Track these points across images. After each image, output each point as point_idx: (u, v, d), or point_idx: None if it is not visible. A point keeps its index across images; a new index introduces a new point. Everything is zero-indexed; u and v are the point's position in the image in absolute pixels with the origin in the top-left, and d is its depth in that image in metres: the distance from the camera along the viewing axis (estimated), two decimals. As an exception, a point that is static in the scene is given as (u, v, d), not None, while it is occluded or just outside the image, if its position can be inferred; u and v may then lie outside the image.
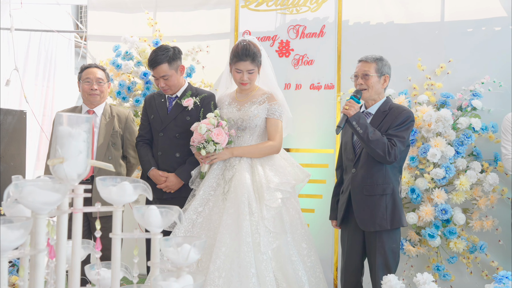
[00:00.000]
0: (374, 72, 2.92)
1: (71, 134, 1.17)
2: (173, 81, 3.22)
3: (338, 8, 3.85)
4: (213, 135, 2.98)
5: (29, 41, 5.13)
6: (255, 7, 4.07)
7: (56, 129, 1.19)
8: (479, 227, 3.37)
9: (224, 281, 2.72)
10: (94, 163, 1.17)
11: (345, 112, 2.80)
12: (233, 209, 2.90)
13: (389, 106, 2.95)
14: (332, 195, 3.20)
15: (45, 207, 1.09)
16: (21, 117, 3.99)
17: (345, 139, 3.08)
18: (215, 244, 2.83)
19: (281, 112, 3.14)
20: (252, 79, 3.11)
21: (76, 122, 1.20)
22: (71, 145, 1.16)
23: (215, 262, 2.76)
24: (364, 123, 2.78)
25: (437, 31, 3.65)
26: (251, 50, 3.06)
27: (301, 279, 2.89)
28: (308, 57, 3.93)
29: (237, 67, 3.08)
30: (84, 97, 3.43)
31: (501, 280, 2.22)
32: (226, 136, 3.03)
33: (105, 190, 1.26)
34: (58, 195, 1.09)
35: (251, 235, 2.84)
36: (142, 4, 4.31)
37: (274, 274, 2.85)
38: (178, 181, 3.21)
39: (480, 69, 3.51)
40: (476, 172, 3.37)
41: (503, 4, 3.51)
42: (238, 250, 2.79)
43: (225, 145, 3.03)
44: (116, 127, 3.43)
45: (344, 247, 3.03)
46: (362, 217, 2.87)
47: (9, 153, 3.83)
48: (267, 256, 2.85)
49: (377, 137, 2.77)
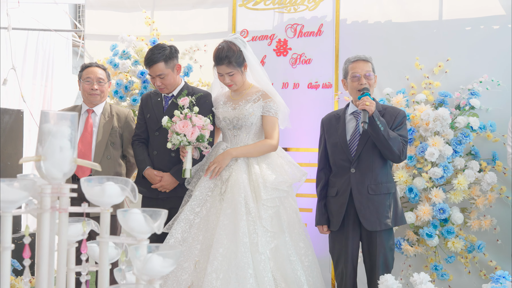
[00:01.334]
0: (372, 71, 2.95)
1: (51, 132, 1.15)
2: (169, 80, 3.21)
3: (336, 7, 3.84)
4: (176, 127, 2.97)
5: (27, 40, 5.12)
6: (252, 6, 4.06)
7: (39, 127, 1.18)
8: (477, 226, 3.36)
9: (222, 282, 2.71)
10: (80, 161, 1.15)
11: (367, 108, 2.70)
12: (230, 209, 2.89)
13: (382, 106, 2.95)
14: (318, 199, 3.08)
15: (9, 205, 1.09)
16: (18, 117, 3.97)
17: (333, 139, 3.01)
18: (212, 245, 2.82)
19: (277, 109, 3.12)
20: (235, 80, 3.09)
21: (58, 120, 1.17)
22: (51, 143, 1.14)
23: (212, 263, 2.75)
24: (383, 121, 2.76)
25: (435, 30, 3.64)
26: (223, 53, 3.02)
27: (300, 278, 2.87)
28: (306, 56, 3.92)
29: (217, 71, 3.10)
30: (84, 96, 3.42)
31: (499, 279, 2.22)
32: (197, 129, 2.98)
33: (90, 191, 1.23)
34: (25, 193, 1.08)
35: (248, 235, 2.83)
36: (140, 3, 4.30)
37: (272, 274, 2.84)
38: (173, 181, 3.20)
39: (478, 68, 3.49)
40: (474, 171, 3.36)
41: (501, 3, 3.50)
42: (235, 251, 2.78)
43: (193, 137, 2.98)
44: (116, 126, 3.42)
45: (343, 250, 2.95)
46: (367, 217, 2.84)
47: (6, 152, 3.82)
48: (265, 256, 2.83)
49: (394, 135, 2.77)
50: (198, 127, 3.00)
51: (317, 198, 3.09)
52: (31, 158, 1.15)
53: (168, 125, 3.03)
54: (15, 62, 4.79)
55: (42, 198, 1.18)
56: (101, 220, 1.25)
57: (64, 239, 1.21)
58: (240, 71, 3.09)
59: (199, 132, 3.00)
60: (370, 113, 2.70)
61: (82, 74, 3.43)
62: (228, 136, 3.17)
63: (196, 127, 2.99)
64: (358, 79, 2.92)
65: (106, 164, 3.31)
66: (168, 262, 1.20)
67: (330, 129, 3.02)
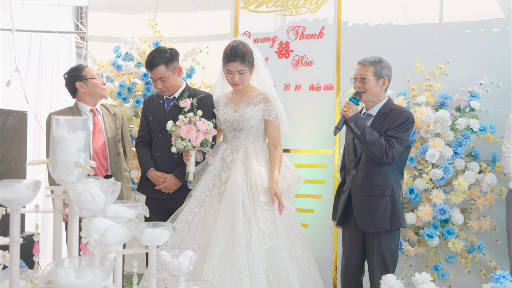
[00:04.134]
0: (372, 75, 2.91)
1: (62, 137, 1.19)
2: (170, 83, 3.24)
3: (338, 10, 3.87)
4: (180, 132, 3.01)
5: (30, 42, 5.14)
6: (255, 8, 4.09)
7: (51, 133, 1.22)
8: (477, 227, 3.39)
9: (218, 282, 2.73)
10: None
11: (343, 113, 2.83)
12: (227, 211, 2.92)
13: (389, 107, 2.95)
14: (335, 196, 3.22)
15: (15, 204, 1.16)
16: (22, 118, 4.00)
17: (347, 140, 3.11)
18: (209, 245, 2.85)
19: (277, 114, 3.13)
20: (243, 79, 3.10)
21: (69, 125, 1.21)
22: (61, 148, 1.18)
23: (209, 263, 2.78)
24: (362, 125, 2.80)
25: (436, 33, 3.67)
26: (239, 50, 3.04)
27: (291, 281, 2.88)
28: (308, 58, 3.95)
29: (227, 68, 3.08)
30: (98, 92, 3.44)
31: (499, 279, 2.24)
32: (201, 134, 3.02)
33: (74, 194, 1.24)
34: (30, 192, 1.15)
35: (244, 237, 2.85)
36: (142, 5, 4.33)
37: (266, 276, 2.86)
38: (176, 182, 3.23)
39: (478, 71, 3.52)
40: (474, 172, 3.39)
41: (501, 6, 3.53)
42: (232, 252, 2.80)
43: (197, 142, 3.01)
44: (117, 123, 3.52)
45: (345, 246, 3.05)
46: (361, 218, 2.89)
47: (10, 153, 3.85)
48: (259, 257, 2.85)
49: (374, 139, 2.78)
50: (202, 132, 3.03)
51: (335, 195, 3.24)
52: (39, 161, 1.18)
53: (173, 130, 3.06)
54: (18, 64, 4.81)
55: (54, 200, 1.22)
56: None
57: (75, 239, 1.25)
58: (249, 71, 3.12)
59: (203, 137, 3.04)
60: (347, 118, 2.80)
61: (86, 74, 3.44)
62: (229, 138, 3.19)
63: (200, 132, 3.02)
64: (355, 82, 2.97)
65: (117, 160, 3.42)
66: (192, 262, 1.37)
67: (347, 131, 3.08)
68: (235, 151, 3.12)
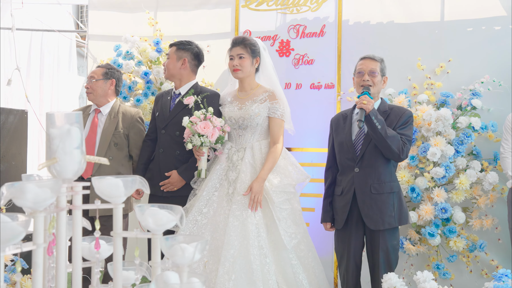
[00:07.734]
0: (379, 71, 2.94)
1: (59, 133, 1.18)
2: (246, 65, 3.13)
3: (338, 8, 3.86)
4: (198, 128, 2.99)
5: (31, 41, 5.15)
6: (255, 6, 4.08)
7: (47, 130, 1.21)
8: (478, 225, 3.38)
9: (234, 283, 2.72)
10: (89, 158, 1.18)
11: (364, 107, 2.73)
12: (239, 211, 2.91)
13: (388, 106, 2.97)
14: (324, 197, 3.12)
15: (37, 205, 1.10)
16: (23, 117, 4.00)
17: (340, 139, 3.04)
18: (223, 246, 2.83)
19: (283, 112, 3.11)
20: (243, 65, 3.08)
21: (65, 120, 1.20)
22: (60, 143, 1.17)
23: (224, 264, 2.76)
24: (381, 119, 2.77)
25: (437, 31, 3.66)
26: (242, 37, 3.15)
27: (302, 282, 2.89)
28: (309, 57, 3.94)
29: (230, 54, 3.14)
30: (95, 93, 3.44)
31: (501, 278, 2.23)
32: (217, 131, 3.01)
33: (101, 186, 1.25)
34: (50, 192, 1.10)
35: (257, 238, 2.85)
36: (143, 4, 4.32)
37: (275, 278, 2.85)
38: (180, 179, 3.22)
39: (479, 69, 3.52)
40: (475, 171, 3.38)
41: (502, 4, 3.52)
42: (246, 253, 2.80)
43: (214, 138, 3.00)
44: (120, 126, 3.36)
45: (346, 248, 2.98)
46: (370, 216, 2.86)
47: (11, 152, 3.85)
48: (270, 259, 2.85)
49: (393, 134, 2.78)
50: (217, 128, 3.02)
51: (323, 196, 3.13)
52: (48, 162, 1.17)
53: (189, 126, 3.03)
54: (19, 63, 4.81)
55: (58, 197, 1.21)
56: (114, 215, 1.29)
57: (78, 236, 1.24)
58: (251, 61, 3.11)
59: (219, 133, 3.03)
60: (367, 112, 2.72)
61: None
62: (233, 136, 3.17)
63: (216, 128, 3.01)
64: (362, 75, 2.94)
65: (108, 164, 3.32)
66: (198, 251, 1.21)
67: (338, 129, 3.05)
68: (240, 149, 3.10)
